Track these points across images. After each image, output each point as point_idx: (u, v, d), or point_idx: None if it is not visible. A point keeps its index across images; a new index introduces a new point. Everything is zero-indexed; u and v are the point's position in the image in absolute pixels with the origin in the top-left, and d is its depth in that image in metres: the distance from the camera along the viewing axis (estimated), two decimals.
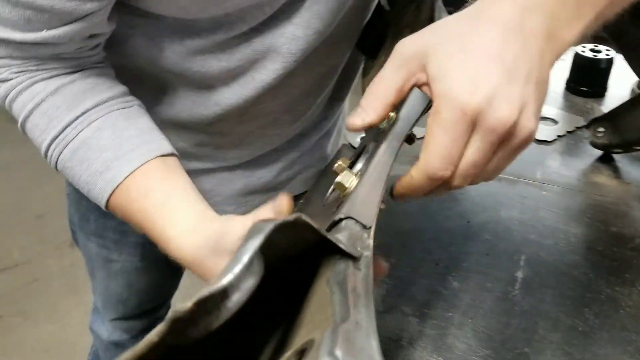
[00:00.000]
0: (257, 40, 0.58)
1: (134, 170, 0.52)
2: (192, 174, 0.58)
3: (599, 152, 0.94)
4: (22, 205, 2.48)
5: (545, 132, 0.99)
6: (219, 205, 0.78)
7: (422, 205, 0.83)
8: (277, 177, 0.81)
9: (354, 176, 0.41)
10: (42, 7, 0.46)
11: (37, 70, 0.54)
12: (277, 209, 0.44)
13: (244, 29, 0.57)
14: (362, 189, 0.38)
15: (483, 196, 0.84)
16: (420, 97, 0.44)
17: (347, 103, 0.92)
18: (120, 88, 0.58)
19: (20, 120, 0.55)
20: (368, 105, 0.42)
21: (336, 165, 0.42)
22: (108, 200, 0.54)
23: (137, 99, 0.59)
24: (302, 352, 0.26)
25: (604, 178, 0.88)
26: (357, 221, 0.36)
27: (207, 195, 0.75)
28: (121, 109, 0.56)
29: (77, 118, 0.53)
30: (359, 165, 0.45)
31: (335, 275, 0.30)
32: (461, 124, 0.37)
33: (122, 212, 0.54)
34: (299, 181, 0.85)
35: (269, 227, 0.23)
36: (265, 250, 0.23)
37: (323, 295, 0.30)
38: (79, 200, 0.82)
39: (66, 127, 0.53)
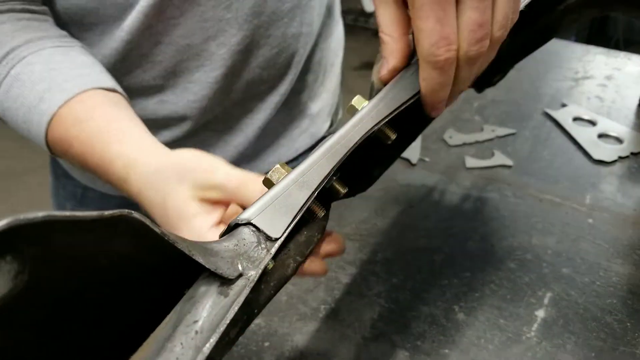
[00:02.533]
0: None
1: (70, 99, 0.46)
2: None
3: None
4: None
5: (605, 151, 0.86)
6: None
7: (443, 221, 0.73)
8: (254, 144, 0.73)
9: (288, 171, 0.33)
10: None
11: None
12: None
13: None
14: (281, 188, 0.30)
15: (516, 218, 0.73)
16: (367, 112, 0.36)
17: (336, 60, 0.83)
18: (59, 31, 0.53)
19: None
20: (386, 51, 0.39)
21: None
22: (47, 136, 0.48)
23: (79, 42, 0.53)
24: None
25: None
26: (256, 229, 0.28)
27: None
28: (57, 46, 0.50)
29: (6, 55, 0.48)
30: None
31: (186, 300, 0.22)
32: (438, 4, 0.34)
33: (61, 147, 0.48)
34: (284, 146, 0.77)
35: (5, 224, 0.16)
36: (35, 251, 0.17)
37: (164, 324, 0.22)
38: (56, 189, 0.78)
39: None
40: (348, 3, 4.02)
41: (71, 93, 0.47)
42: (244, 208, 0.31)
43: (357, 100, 0.37)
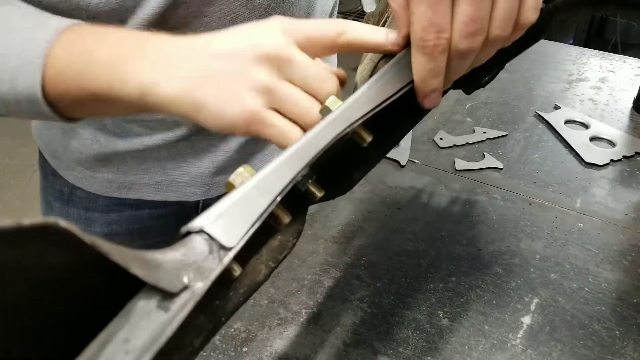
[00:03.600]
0: None
1: (59, 34, 0.42)
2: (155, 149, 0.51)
3: None
4: None
5: (597, 154, 0.85)
6: (186, 187, 0.70)
7: (431, 224, 0.71)
8: (245, 148, 0.71)
9: (252, 174, 0.31)
10: None
11: None
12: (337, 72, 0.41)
13: None
14: (237, 195, 0.29)
15: (505, 221, 0.72)
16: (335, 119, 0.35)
17: (333, 61, 0.81)
18: None
19: None
20: (398, 21, 0.39)
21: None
22: (43, 83, 0.42)
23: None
24: None
25: None
26: (210, 237, 0.26)
27: (175, 174, 0.68)
28: (7, 3, 0.46)
29: None
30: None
31: (123, 315, 0.21)
32: None
33: (66, 87, 0.43)
34: (277, 151, 0.74)
35: None
36: None
37: (99, 338, 0.21)
38: (44, 188, 0.77)
39: None
40: (348, 4, 4.01)
41: (59, 28, 0.43)
42: None
43: (331, 101, 0.36)
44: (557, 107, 0.97)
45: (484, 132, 0.90)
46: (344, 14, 3.84)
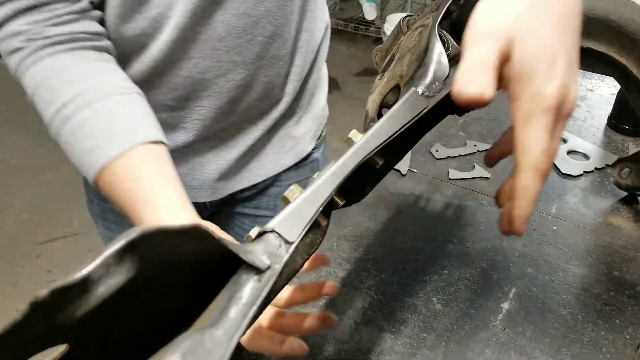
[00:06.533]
0: None
1: (121, 153, 0.57)
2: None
3: (623, 193, 0.92)
4: None
5: (572, 166, 0.98)
6: (195, 190, 0.83)
7: (426, 226, 0.84)
8: (244, 158, 0.85)
9: (300, 191, 0.43)
10: None
11: (41, 37, 0.59)
12: None
13: None
14: (296, 204, 0.41)
15: (490, 223, 0.84)
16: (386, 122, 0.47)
17: (321, 95, 0.94)
18: (120, 74, 0.63)
19: (29, 92, 0.61)
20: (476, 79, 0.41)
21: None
22: (95, 179, 0.58)
23: (136, 87, 0.63)
24: None
25: (621, 220, 0.87)
26: (279, 235, 0.38)
27: (183, 180, 0.81)
28: (119, 94, 0.60)
29: (77, 96, 0.58)
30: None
31: (232, 283, 0.33)
32: (552, 119, 0.40)
33: (107, 192, 0.59)
34: (271, 162, 0.89)
35: (133, 234, 0.26)
36: (143, 251, 0.27)
37: (217, 300, 0.33)
38: (87, 185, 0.89)
39: (68, 103, 0.58)
40: (350, 11, 4.13)
41: (124, 147, 0.57)
42: None
43: (353, 134, 0.48)
44: None
45: (475, 145, 1.03)
46: (346, 20, 3.96)
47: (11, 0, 0.58)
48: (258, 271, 0.35)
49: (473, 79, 0.41)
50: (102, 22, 0.65)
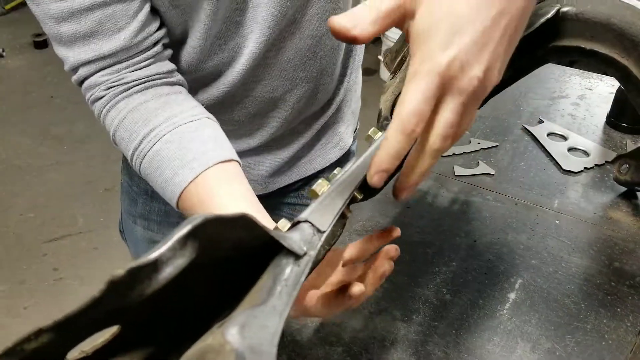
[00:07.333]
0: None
1: (196, 177, 0.60)
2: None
3: (623, 189, 0.95)
4: (93, 177, 2.67)
5: (573, 163, 1.01)
6: (251, 184, 0.87)
7: (435, 220, 0.87)
8: (297, 154, 0.90)
9: (327, 185, 0.46)
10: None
11: (119, 84, 0.63)
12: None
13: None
14: (325, 197, 0.44)
15: (495, 218, 0.88)
16: None
17: (357, 89, 0.98)
18: (191, 103, 0.67)
19: (111, 134, 0.66)
20: (358, 12, 0.41)
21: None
22: (177, 203, 0.62)
23: (206, 112, 0.67)
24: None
25: (621, 214, 0.90)
26: (312, 224, 0.42)
27: None
28: (189, 122, 0.64)
29: (150, 132, 0.62)
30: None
31: (274, 267, 0.36)
32: (434, 85, 0.38)
33: (188, 214, 0.62)
34: (319, 157, 0.94)
35: (198, 220, 0.29)
36: (202, 237, 0.30)
37: (262, 282, 0.36)
38: (130, 187, 0.92)
39: (142, 140, 0.62)
40: None
41: (197, 171, 0.60)
42: None
43: (373, 131, 0.52)
44: (541, 121, 1.14)
45: (479, 143, 1.06)
46: None
47: (95, 62, 0.62)
48: (296, 257, 0.38)
49: (352, 12, 0.40)
50: (174, 58, 0.69)
